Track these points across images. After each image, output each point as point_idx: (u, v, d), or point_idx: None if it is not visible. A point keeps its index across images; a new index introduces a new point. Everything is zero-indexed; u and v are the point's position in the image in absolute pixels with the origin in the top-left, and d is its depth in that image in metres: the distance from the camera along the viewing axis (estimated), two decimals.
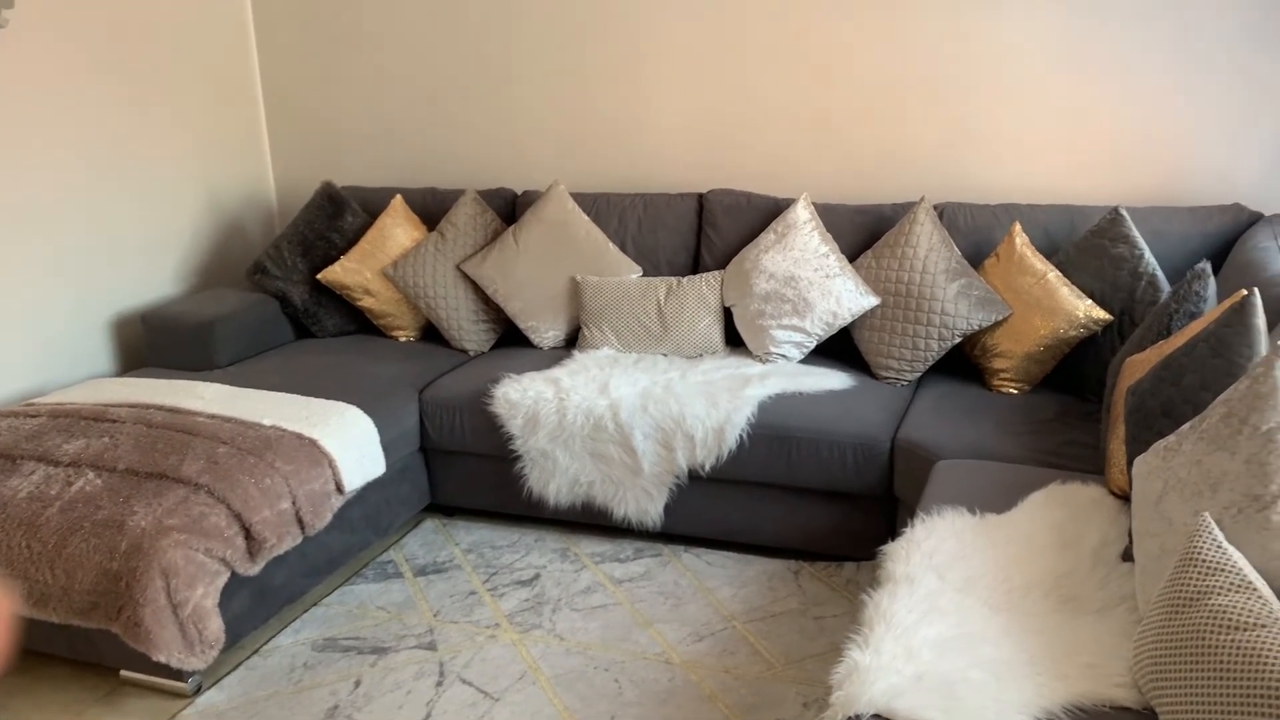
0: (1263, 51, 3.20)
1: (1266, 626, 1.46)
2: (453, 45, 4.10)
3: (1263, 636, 1.44)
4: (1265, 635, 1.45)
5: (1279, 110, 3.24)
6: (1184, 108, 3.33)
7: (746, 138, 3.83)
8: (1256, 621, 1.47)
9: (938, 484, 2.54)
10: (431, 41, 4.12)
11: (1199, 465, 1.82)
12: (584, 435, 3.14)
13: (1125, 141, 3.41)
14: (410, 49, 4.16)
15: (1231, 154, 3.32)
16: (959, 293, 3.18)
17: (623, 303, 3.56)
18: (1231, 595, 1.54)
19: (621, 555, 3.24)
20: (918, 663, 1.76)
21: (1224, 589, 1.56)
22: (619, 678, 2.61)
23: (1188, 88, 3.30)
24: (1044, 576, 2.05)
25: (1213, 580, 1.58)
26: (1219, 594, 1.55)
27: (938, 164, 3.63)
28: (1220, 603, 1.54)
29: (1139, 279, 2.98)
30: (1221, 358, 2.06)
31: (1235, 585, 1.55)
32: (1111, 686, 1.70)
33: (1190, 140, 3.35)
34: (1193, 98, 3.31)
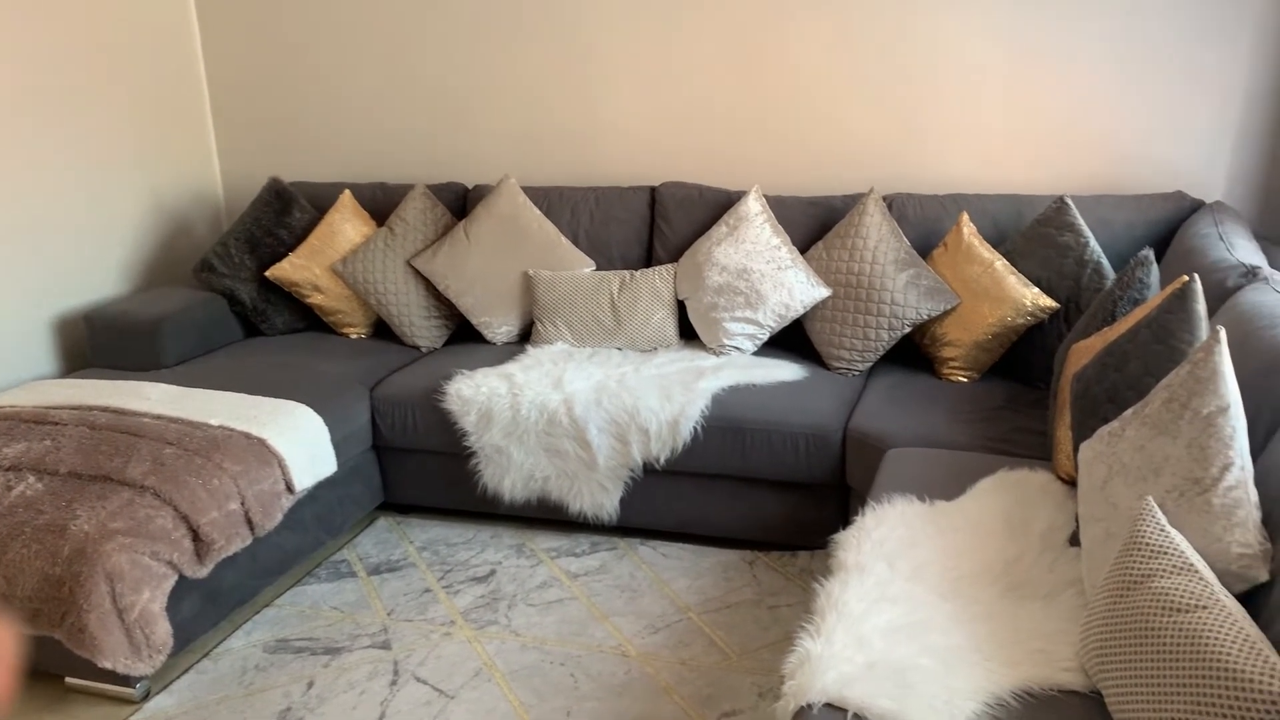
0: (1202, 42, 3.25)
1: (1207, 608, 1.48)
2: (401, 39, 4.05)
3: (1203, 618, 1.47)
4: (1206, 616, 1.47)
5: (1219, 100, 3.29)
6: (1127, 98, 3.37)
7: (698, 131, 3.83)
8: (1198, 603, 1.50)
9: (888, 472, 2.56)
10: (379, 35, 4.07)
11: (1142, 450, 1.85)
12: (538, 430, 3.13)
13: (1070, 131, 3.46)
14: (358, 43, 4.11)
15: (1173, 143, 3.37)
16: (908, 283, 3.20)
17: (576, 297, 3.55)
18: (1174, 578, 1.56)
19: (577, 550, 3.23)
20: (869, 651, 1.77)
21: (1167, 571, 1.58)
22: (575, 672, 2.61)
23: (1131, 78, 3.35)
24: (992, 563, 2.07)
25: (1156, 563, 1.60)
26: (1162, 577, 1.57)
27: (887, 155, 3.65)
28: (1163, 585, 1.56)
29: (1084, 267, 3.03)
30: (1164, 343, 2.09)
31: (1177, 568, 1.58)
32: (1059, 671, 1.72)
33: (1133, 130, 3.40)
34: (1136, 88, 3.36)
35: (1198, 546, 1.67)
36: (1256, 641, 1.40)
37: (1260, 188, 3.34)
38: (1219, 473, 1.70)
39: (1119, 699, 1.55)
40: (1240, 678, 1.35)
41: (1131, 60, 3.33)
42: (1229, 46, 3.24)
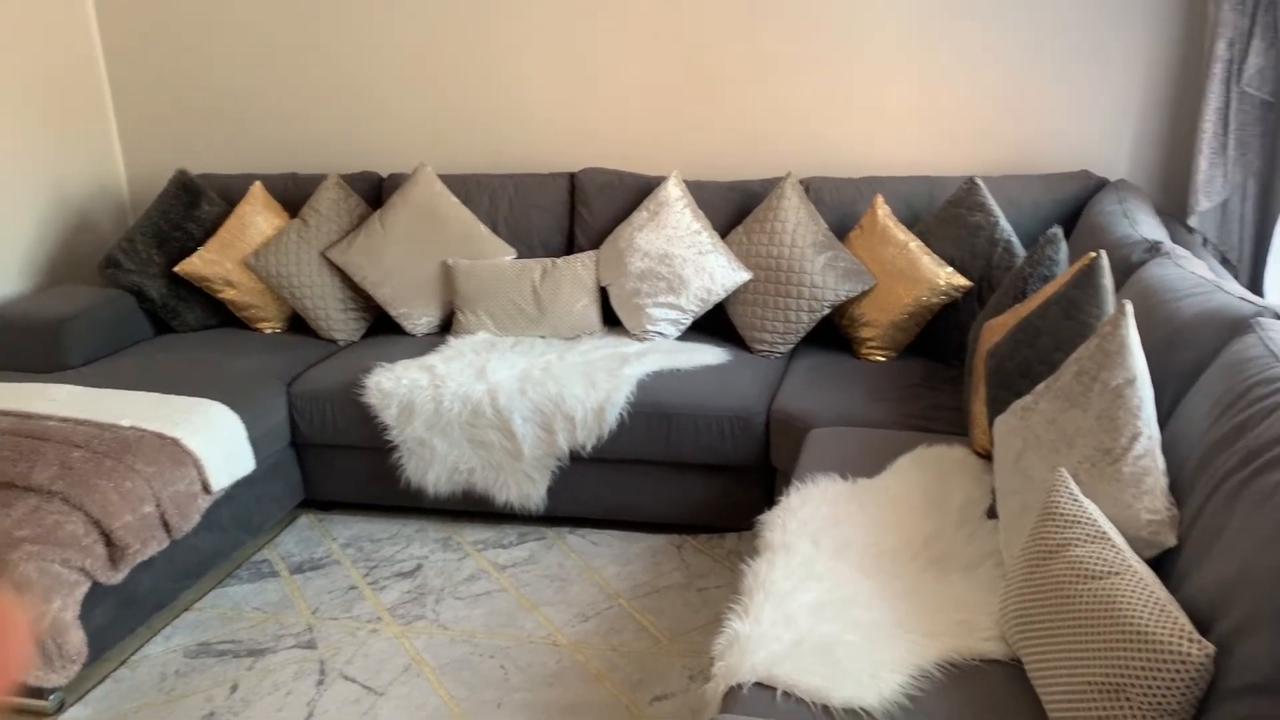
0: (1104, 25, 3.34)
1: (1120, 574, 1.53)
2: (310, 25, 3.96)
3: (1117, 584, 1.51)
4: (1119, 582, 1.52)
5: (1120, 81, 3.39)
6: (1033, 80, 3.45)
7: (616, 116, 3.82)
8: (1111, 570, 1.54)
9: (811, 452, 2.59)
10: (286, 21, 3.97)
11: (1054, 423, 1.90)
12: (462, 422, 3.10)
13: (979, 113, 3.53)
14: (264, 29, 4.00)
15: (1079, 123, 3.46)
16: (826, 265, 3.24)
17: (497, 286, 3.52)
18: (1088, 546, 1.61)
19: (505, 541, 3.21)
20: (796, 629, 1.79)
21: (1081, 540, 1.63)
22: (505, 663, 2.59)
23: (1036, 61, 3.43)
24: (913, 537, 2.11)
25: (1070, 532, 1.65)
26: (1076, 545, 1.62)
27: (802, 139, 3.68)
28: (1078, 553, 1.61)
29: (995, 246, 3.09)
30: (1073, 318, 2.15)
31: (1091, 536, 1.62)
32: (980, 640, 1.77)
33: (1040, 110, 3.48)
34: (1041, 70, 3.43)
35: (1109, 514, 1.72)
36: (1166, 604, 1.45)
37: (1161, 165, 3.45)
38: (1128, 442, 1.76)
39: (1038, 665, 1.60)
40: (1152, 640, 1.40)
41: (1037, 43, 3.41)
42: (1129, 28, 3.33)
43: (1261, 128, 3.03)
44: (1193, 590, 1.52)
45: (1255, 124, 3.03)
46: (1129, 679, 1.41)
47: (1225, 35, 2.96)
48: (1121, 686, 1.42)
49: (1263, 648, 1.30)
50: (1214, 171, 3.07)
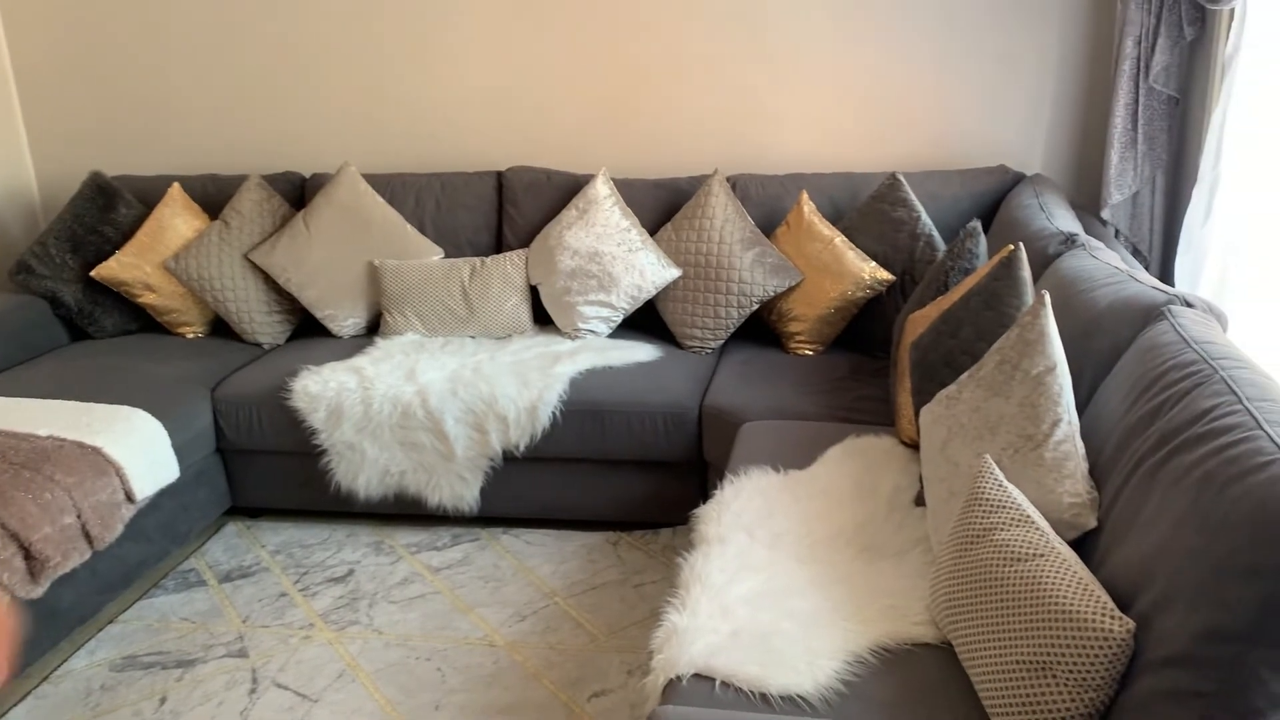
0: (1018, 23, 3.43)
1: (1045, 556, 1.58)
2: (229, 21, 3.88)
3: (1041, 565, 1.56)
4: (1044, 564, 1.56)
5: (1035, 78, 3.49)
6: (951, 78, 3.53)
7: (543, 114, 3.81)
8: (1036, 552, 1.59)
9: (744, 446, 2.62)
10: (205, 17, 3.89)
11: (978, 411, 1.95)
12: (392, 424, 3.07)
13: (899, 111, 3.60)
14: (181, 26, 3.91)
15: (995, 120, 3.56)
16: (754, 261, 3.28)
17: (425, 286, 3.49)
18: (1013, 530, 1.66)
19: (438, 543, 3.19)
20: (733, 620, 1.81)
21: (1006, 524, 1.67)
22: (442, 666, 2.58)
23: (954, 59, 3.51)
24: (845, 526, 2.15)
25: (996, 517, 1.70)
26: (1002, 529, 1.67)
27: (728, 137, 3.72)
28: (1003, 537, 1.65)
29: (917, 240, 3.16)
30: (993, 309, 2.21)
31: (1016, 520, 1.67)
32: (911, 625, 1.81)
33: (958, 108, 3.56)
34: (959, 68, 3.52)
35: (1032, 498, 1.78)
36: (1089, 584, 1.50)
37: (1074, 160, 3.56)
38: (1049, 428, 1.81)
39: (968, 647, 1.64)
40: (1077, 618, 1.45)
41: (954, 41, 3.49)
42: (1042, 28, 3.43)
43: (1168, 123, 3.14)
44: (1113, 569, 1.57)
45: (1162, 119, 3.14)
46: (1055, 657, 1.46)
47: (1132, 34, 3.06)
48: (1048, 664, 1.46)
49: (1178, 622, 1.35)
50: (1124, 166, 3.18)
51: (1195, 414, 1.55)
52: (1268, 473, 1.32)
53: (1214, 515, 1.36)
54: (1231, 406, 1.51)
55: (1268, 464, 1.33)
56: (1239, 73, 2.61)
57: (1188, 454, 1.50)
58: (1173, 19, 2.99)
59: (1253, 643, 1.26)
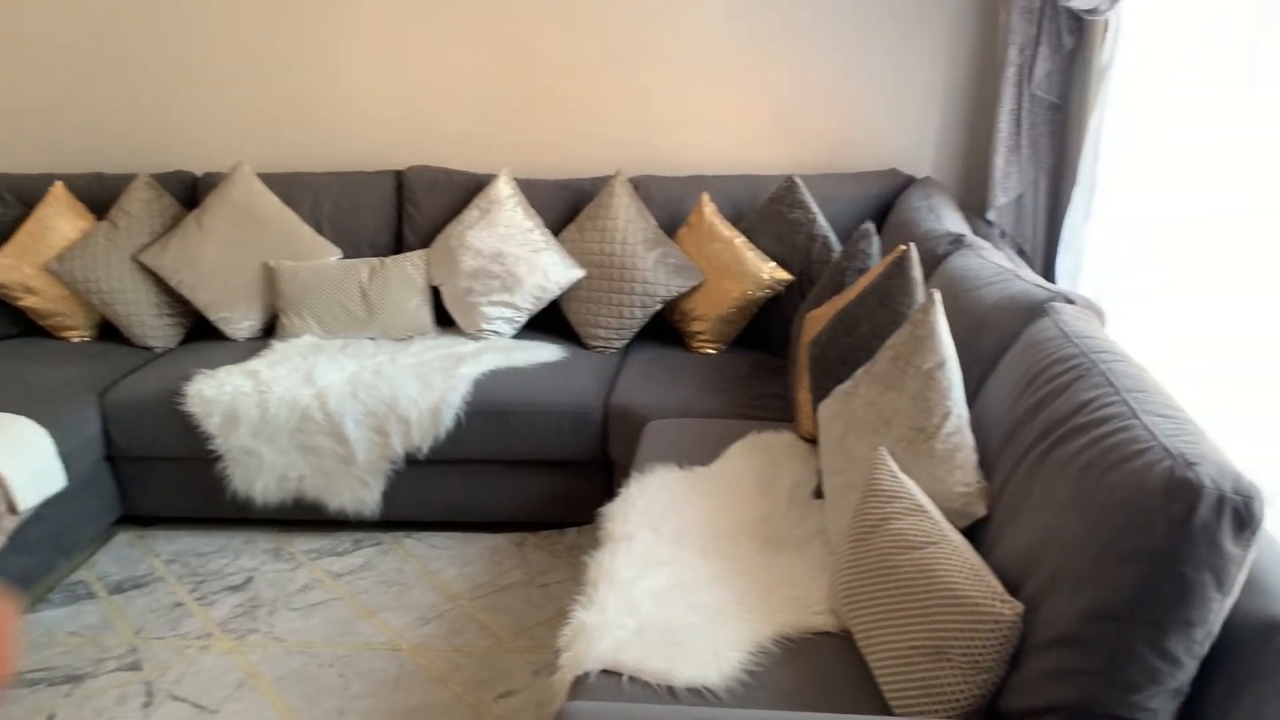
0: (908, 30, 3.54)
1: (937, 543, 1.64)
2: (116, 13, 3.74)
3: (934, 553, 1.62)
4: (937, 552, 1.62)
5: (924, 84, 3.60)
6: (845, 83, 3.62)
7: (443, 113, 3.78)
8: (929, 540, 1.65)
9: (649, 443, 2.64)
10: (89, 9, 3.74)
11: (873, 405, 2.01)
12: (290, 428, 3.01)
13: (796, 115, 3.67)
14: (64, 19, 3.76)
15: (886, 124, 3.66)
16: (657, 261, 3.31)
17: (323, 287, 3.43)
18: (907, 519, 1.72)
19: (339, 548, 3.14)
20: (640, 615, 1.84)
21: (901, 514, 1.73)
22: (345, 672, 2.54)
23: (847, 65, 3.60)
24: (747, 520, 2.19)
25: (891, 507, 1.75)
26: (897, 519, 1.73)
27: (631, 138, 3.75)
28: (898, 526, 1.71)
29: (814, 241, 3.24)
30: (887, 307, 2.28)
31: (910, 509, 1.73)
32: (813, 615, 1.86)
33: (851, 112, 3.65)
34: (852, 74, 3.61)
35: (926, 489, 1.84)
36: (980, 570, 1.56)
37: (961, 164, 3.68)
38: (940, 421, 1.88)
39: (866, 634, 1.69)
40: (968, 603, 1.51)
41: (849, 49, 3.58)
42: (931, 35, 3.54)
43: (1050, 128, 3.27)
44: (1003, 555, 1.64)
45: (1045, 124, 3.27)
46: (949, 640, 1.51)
47: (1016, 42, 3.19)
48: (942, 648, 1.52)
49: (1064, 604, 1.42)
50: (1009, 169, 3.30)
51: (1076, 405, 1.63)
52: (1143, 460, 1.39)
53: (1094, 502, 1.44)
54: (1110, 398, 1.59)
55: (1143, 451, 1.41)
56: (1114, 80, 2.74)
57: (1070, 444, 1.58)
58: (1053, 29, 3.12)
59: (1131, 622, 1.34)
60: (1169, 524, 1.31)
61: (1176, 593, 1.31)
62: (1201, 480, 1.30)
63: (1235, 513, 1.29)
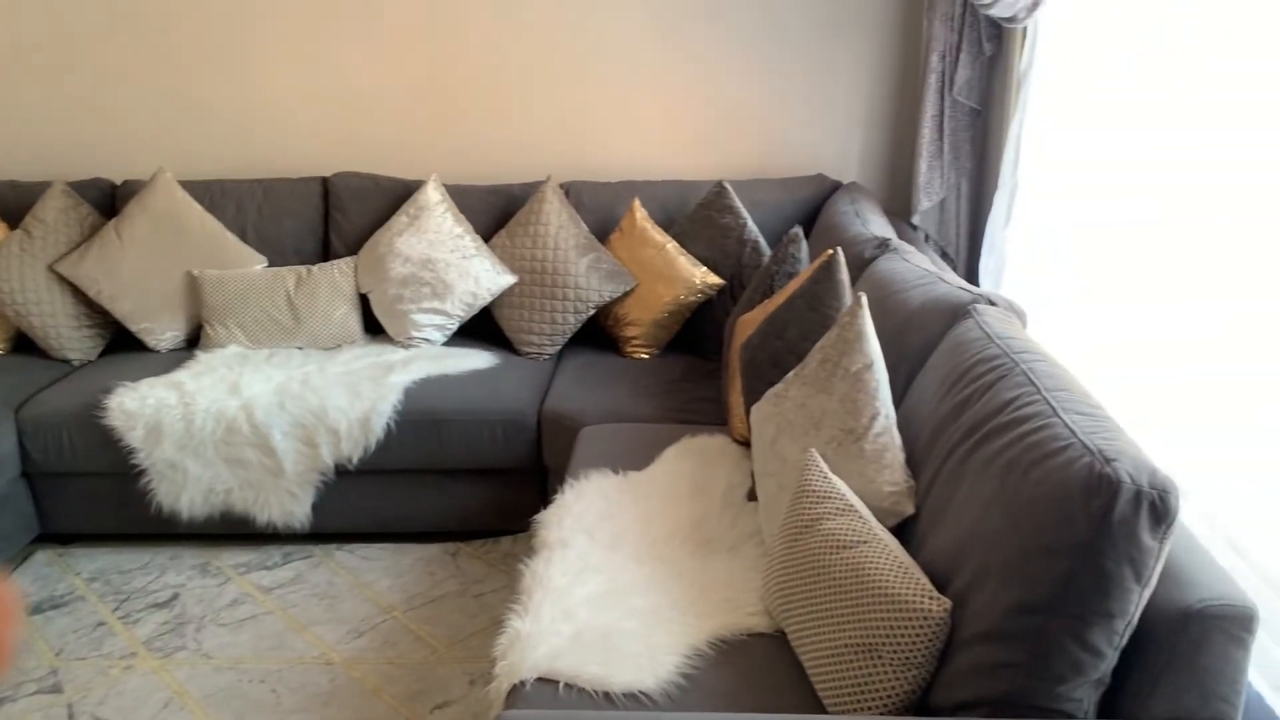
0: (833, 37, 3.59)
1: (868, 542, 1.66)
2: (29, 17, 3.64)
3: (865, 552, 1.65)
4: (867, 550, 1.65)
5: (849, 90, 3.65)
6: (772, 90, 3.66)
7: (370, 119, 3.74)
8: (859, 539, 1.68)
9: (583, 449, 2.64)
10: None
11: (804, 407, 2.03)
12: (216, 440, 2.94)
13: (724, 120, 3.70)
14: None
15: (813, 130, 3.71)
16: (589, 267, 3.31)
17: (248, 296, 3.37)
18: (838, 519, 1.74)
19: (269, 562, 3.08)
20: (575, 621, 1.83)
21: (832, 514, 1.76)
22: (276, 687, 2.49)
23: (774, 71, 3.64)
24: (682, 524, 2.20)
25: (822, 507, 1.77)
26: (828, 519, 1.75)
27: (560, 144, 3.74)
28: (829, 526, 1.73)
29: (744, 246, 3.27)
30: (816, 311, 2.31)
31: (840, 510, 1.76)
32: (747, 616, 1.87)
33: (779, 118, 3.70)
34: (779, 81, 3.65)
35: (855, 489, 1.87)
36: (909, 568, 1.59)
37: (886, 169, 3.75)
38: (868, 422, 1.91)
39: (799, 634, 1.71)
40: (898, 600, 1.53)
41: (777, 55, 3.62)
42: (855, 42, 3.60)
43: (971, 133, 3.35)
44: (931, 552, 1.67)
45: (966, 130, 3.34)
46: (880, 638, 1.54)
47: (937, 49, 3.25)
48: (874, 645, 1.54)
49: (990, 599, 1.45)
50: (932, 174, 3.37)
51: (999, 404, 1.67)
52: (1064, 456, 1.43)
53: (1018, 498, 1.47)
54: (1031, 397, 1.63)
55: (1064, 449, 1.45)
56: (1033, 86, 2.81)
57: (993, 442, 1.61)
58: (973, 36, 3.19)
59: (1055, 614, 1.37)
60: (1089, 519, 1.34)
61: (1097, 585, 1.34)
62: (1120, 476, 1.34)
63: (1152, 506, 1.33)
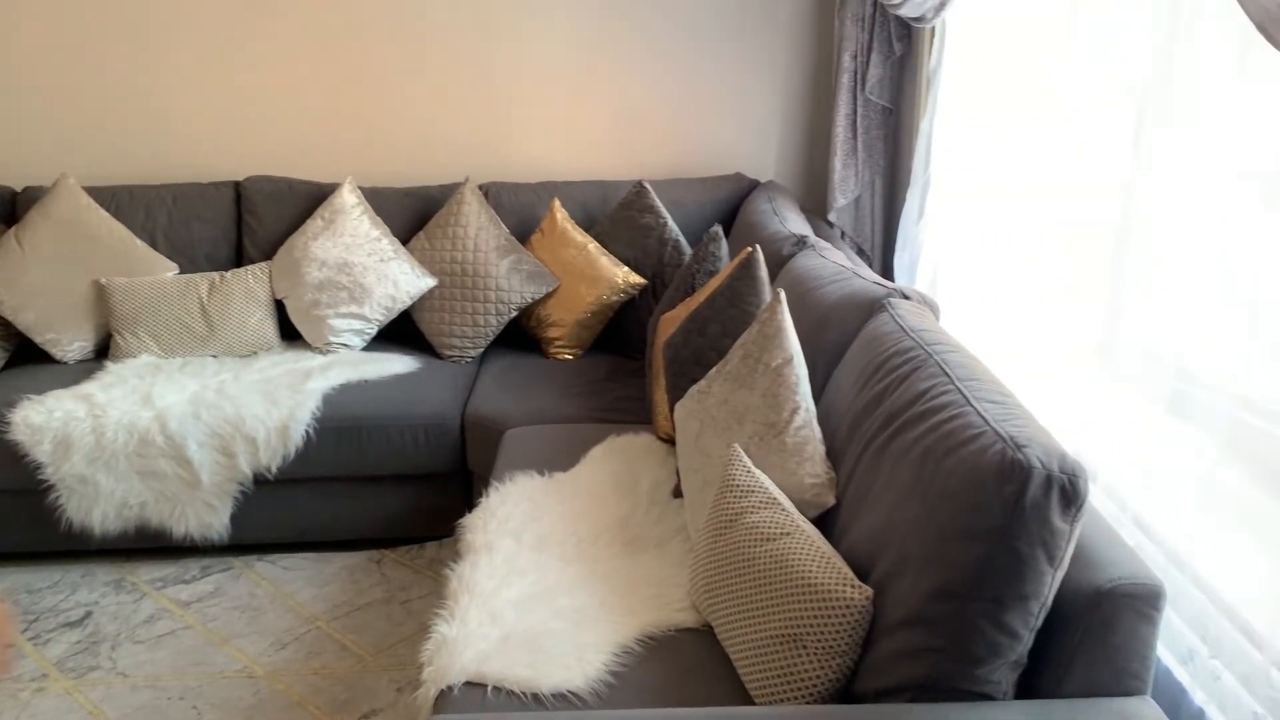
0: (751, 39, 3.63)
1: (790, 534, 1.69)
2: None
3: (788, 543, 1.67)
4: (790, 542, 1.67)
5: (766, 91, 3.69)
6: (690, 89, 3.69)
7: (283, 121, 3.67)
8: (782, 531, 1.70)
9: (508, 452, 2.63)
10: None
11: (726, 403, 2.05)
12: (128, 453, 2.86)
13: (645, 120, 3.72)
14: None
15: (730, 129, 3.74)
16: (511, 268, 3.30)
17: (159, 304, 3.28)
18: (762, 512, 1.76)
19: (187, 576, 3.01)
20: (503, 624, 1.82)
21: (755, 507, 1.77)
22: (197, 703, 2.43)
23: (692, 72, 3.67)
24: (608, 523, 2.21)
25: (746, 501, 1.79)
26: (752, 512, 1.77)
27: (478, 145, 3.72)
28: (753, 520, 1.75)
29: (665, 245, 3.28)
30: (736, 307, 2.33)
31: (764, 503, 1.78)
32: (674, 612, 1.88)
33: (697, 119, 3.72)
34: (696, 80, 3.67)
35: (778, 482, 1.89)
36: (831, 557, 1.62)
37: (802, 167, 3.80)
38: (789, 416, 1.94)
39: (726, 627, 1.72)
40: (822, 589, 1.56)
41: (691, 55, 3.65)
42: (770, 43, 3.64)
43: (884, 131, 3.41)
44: (852, 542, 1.70)
45: (879, 128, 3.41)
46: (804, 628, 1.56)
47: (849, 49, 3.31)
48: (799, 636, 1.56)
49: (910, 585, 1.49)
50: (847, 172, 3.43)
51: (914, 395, 1.71)
52: (977, 444, 1.47)
53: (934, 486, 1.50)
54: (945, 387, 1.67)
55: (977, 436, 1.48)
56: (941, 85, 2.88)
57: (909, 432, 1.65)
58: (884, 35, 3.25)
59: (972, 598, 1.41)
60: (1003, 504, 1.38)
61: (1012, 568, 1.38)
62: (1031, 461, 1.38)
63: (1062, 490, 1.37)
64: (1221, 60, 1.65)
